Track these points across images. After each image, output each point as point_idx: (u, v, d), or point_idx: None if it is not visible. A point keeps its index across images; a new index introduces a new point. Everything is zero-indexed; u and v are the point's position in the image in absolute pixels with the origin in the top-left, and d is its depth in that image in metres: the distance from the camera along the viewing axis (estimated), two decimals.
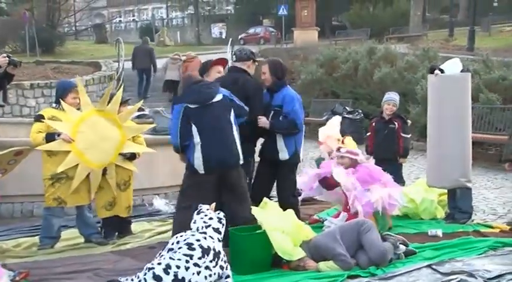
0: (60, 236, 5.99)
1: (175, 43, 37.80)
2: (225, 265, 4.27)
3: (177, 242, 4.20)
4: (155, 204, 7.65)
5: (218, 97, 5.32)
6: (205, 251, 4.13)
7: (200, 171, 5.21)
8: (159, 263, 4.03)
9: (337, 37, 32.48)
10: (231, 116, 5.36)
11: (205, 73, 5.71)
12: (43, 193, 5.82)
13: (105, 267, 5.12)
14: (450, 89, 6.50)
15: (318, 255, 5.01)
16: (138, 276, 4.03)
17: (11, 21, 27.61)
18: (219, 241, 4.34)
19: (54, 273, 4.97)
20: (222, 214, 4.58)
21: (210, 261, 4.12)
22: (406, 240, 5.50)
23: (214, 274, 4.13)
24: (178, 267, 4.00)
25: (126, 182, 6.11)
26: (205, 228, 4.36)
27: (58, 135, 5.63)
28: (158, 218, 7.15)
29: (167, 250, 4.20)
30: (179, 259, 4.05)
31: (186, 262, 4.03)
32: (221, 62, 5.84)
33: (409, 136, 7.64)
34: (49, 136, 5.63)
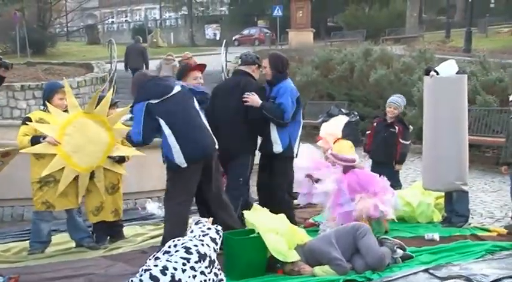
0: (50, 241, 5.97)
1: (168, 44, 37.82)
2: (219, 272, 4.29)
3: (174, 246, 4.21)
4: (148, 207, 7.64)
5: (177, 88, 5.36)
6: (201, 257, 4.14)
7: (182, 165, 5.18)
8: (156, 265, 4.04)
9: (332, 38, 32.56)
10: (195, 104, 5.42)
11: (182, 78, 5.74)
12: (32, 197, 5.79)
13: (96, 272, 5.09)
14: (446, 91, 6.52)
15: (313, 259, 5.01)
16: (132, 281, 4.02)
17: (1, 21, 27.52)
18: (215, 251, 4.35)
19: (44, 278, 4.95)
20: (220, 227, 4.60)
21: (206, 267, 4.13)
22: (403, 244, 5.50)
23: (208, 280, 4.13)
24: (175, 269, 4.01)
25: (114, 186, 6.10)
26: (202, 236, 4.38)
27: (43, 138, 5.61)
28: (151, 222, 7.14)
29: (163, 252, 4.20)
30: (176, 261, 4.06)
31: (183, 265, 4.04)
32: (199, 68, 5.87)
33: (409, 143, 7.56)
34: (34, 139, 5.61)
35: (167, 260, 4.07)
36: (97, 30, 41.02)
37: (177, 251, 4.13)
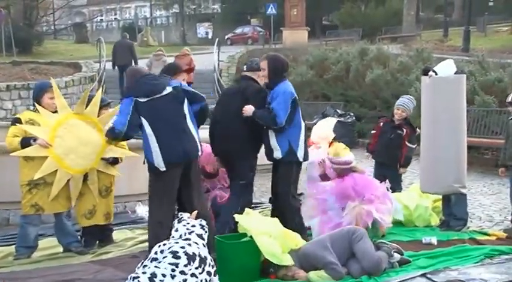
0: (37, 245, 5.94)
1: (159, 43, 37.67)
2: (213, 270, 4.26)
3: (161, 251, 4.20)
4: (138, 211, 7.61)
5: (168, 89, 5.38)
6: (190, 258, 4.13)
7: (161, 168, 5.22)
8: (144, 272, 4.03)
9: (327, 37, 32.60)
10: (185, 107, 5.42)
11: (170, 76, 5.76)
12: (19, 200, 5.77)
13: (84, 277, 5.07)
14: (444, 91, 6.54)
15: (308, 264, 5.01)
16: None
17: None
18: (204, 246, 4.35)
19: None
20: (204, 221, 4.59)
21: (196, 268, 4.13)
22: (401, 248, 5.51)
23: (201, 281, 4.12)
24: (164, 275, 4.01)
25: (108, 188, 6.09)
26: (188, 234, 4.37)
27: (34, 140, 5.58)
28: (141, 226, 7.11)
29: (151, 260, 4.19)
30: (165, 268, 4.05)
31: (172, 271, 4.04)
32: (189, 71, 5.91)
33: (415, 146, 7.53)
34: (25, 141, 5.58)
35: (155, 267, 4.07)
36: (85, 28, 40.86)
37: (165, 257, 4.12)
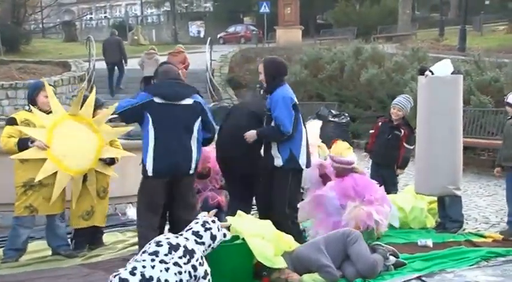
0: (26, 248, 5.93)
1: (150, 42, 37.61)
2: (199, 267, 4.25)
3: (149, 243, 4.27)
4: (128, 213, 7.61)
5: (188, 101, 5.39)
6: (173, 247, 4.17)
7: (149, 173, 5.28)
8: (125, 268, 4.09)
9: (322, 36, 32.69)
10: (196, 124, 5.41)
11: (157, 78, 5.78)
12: (8, 202, 5.76)
13: (74, 281, 5.07)
14: (441, 92, 6.56)
15: (302, 267, 5.02)
16: None
17: None
18: (197, 243, 4.36)
19: None
20: (211, 219, 4.59)
21: (180, 257, 4.14)
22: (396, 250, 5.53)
23: (185, 272, 4.13)
24: (144, 266, 4.05)
25: (105, 189, 6.14)
26: (184, 231, 4.43)
27: (32, 141, 5.59)
28: (132, 228, 7.10)
29: (141, 253, 4.24)
30: (144, 259, 4.11)
31: (152, 260, 4.08)
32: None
33: (412, 147, 7.52)
34: (22, 143, 5.58)
35: (136, 260, 4.14)
36: (74, 27, 40.79)
37: (149, 247, 4.19)
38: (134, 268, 4.04)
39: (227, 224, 4.77)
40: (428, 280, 4.98)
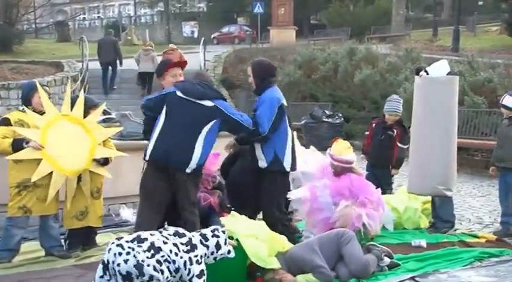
0: (19, 249, 5.91)
1: (144, 42, 37.46)
2: (196, 265, 4.25)
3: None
4: (122, 214, 7.60)
5: (207, 102, 5.32)
6: (178, 234, 4.29)
7: (146, 157, 5.29)
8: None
9: (315, 37, 32.71)
10: (207, 127, 5.30)
11: (160, 75, 5.76)
12: (1, 203, 5.74)
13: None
14: (436, 92, 6.58)
15: (296, 267, 5.02)
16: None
17: None
18: (201, 243, 4.38)
19: None
20: (221, 229, 4.62)
21: (182, 243, 4.24)
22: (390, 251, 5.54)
23: (181, 258, 4.16)
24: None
25: (99, 190, 6.14)
26: (194, 232, 4.53)
27: (26, 142, 5.58)
28: (126, 229, 7.10)
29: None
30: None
31: (154, 235, 4.23)
32: (179, 65, 5.86)
33: (406, 147, 7.54)
34: (17, 144, 5.58)
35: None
36: (67, 27, 40.59)
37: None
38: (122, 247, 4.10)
39: (234, 243, 4.73)
40: (422, 280, 5.00)
